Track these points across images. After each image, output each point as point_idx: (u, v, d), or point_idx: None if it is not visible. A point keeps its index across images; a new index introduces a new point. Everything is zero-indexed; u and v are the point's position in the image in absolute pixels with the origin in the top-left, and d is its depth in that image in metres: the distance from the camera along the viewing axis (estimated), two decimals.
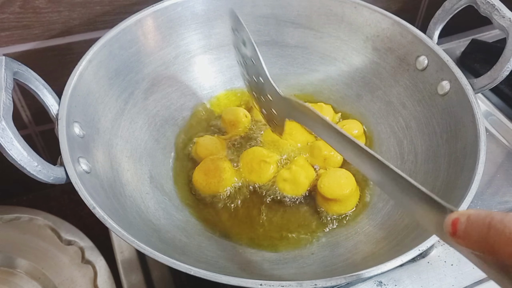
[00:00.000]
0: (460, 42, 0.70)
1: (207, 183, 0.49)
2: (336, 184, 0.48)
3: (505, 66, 0.46)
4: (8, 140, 0.35)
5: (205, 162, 0.50)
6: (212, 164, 0.49)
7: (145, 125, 0.52)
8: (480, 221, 0.23)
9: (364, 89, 0.57)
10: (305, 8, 0.56)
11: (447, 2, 0.51)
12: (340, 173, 0.49)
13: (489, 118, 0.62)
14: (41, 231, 0.55)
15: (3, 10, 0.49)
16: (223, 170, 0.49)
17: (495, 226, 0.22)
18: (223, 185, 0.49)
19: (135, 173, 0.48)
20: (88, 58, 0.45)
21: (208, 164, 0.50)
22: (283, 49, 0.59)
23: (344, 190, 0.47)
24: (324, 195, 0.47)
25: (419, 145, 0.51)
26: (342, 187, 0.47)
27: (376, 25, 0.54)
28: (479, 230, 0.23)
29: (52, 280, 0.51)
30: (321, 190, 0.47)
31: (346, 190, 0.47)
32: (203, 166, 0.50)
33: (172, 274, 0.49)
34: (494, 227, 0.22)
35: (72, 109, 0.42)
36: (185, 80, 0.56)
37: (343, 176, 0.49)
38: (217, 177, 0.49)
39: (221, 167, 0.49)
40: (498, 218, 0.22)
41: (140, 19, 0.50)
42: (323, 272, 0.43)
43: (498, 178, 0.56)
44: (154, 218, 0.45)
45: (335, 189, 0.47)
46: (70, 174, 0.37)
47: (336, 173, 0.49)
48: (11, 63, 0.39)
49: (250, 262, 0.44)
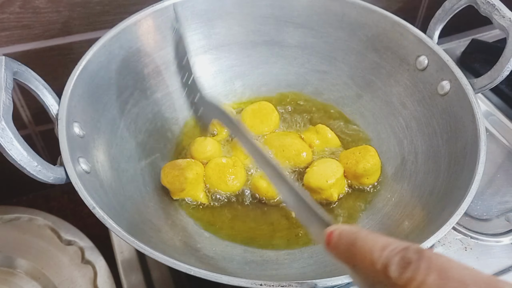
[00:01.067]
0: (460, 42, 0.70)
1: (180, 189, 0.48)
2: (321, 174, 0.48)
3: (505, 66, 0.46)
4: (8, 140, 0.35)
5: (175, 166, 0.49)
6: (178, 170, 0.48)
7: (145, 125, 0.52)
8: (348, 236, 0.25)
9: (364, 89, 0.57)
10: (305, 8, 0.56)
11: (447, 2, 0.51)
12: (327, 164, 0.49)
13: (489, 118, 0.62)
14: (41, 231, 0.55)
15: (3, 10, 0.49)
16: (188, 179, 0.48)
17: (357, 244, 0.24)
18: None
19: (135, 173, 0.48)
20: (88, 58, 0.45)
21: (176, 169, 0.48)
22: (283, 49, 0.59)
23: (329, 179, 0.47)
24: (310, 186, 0.48)
25: (419, 145, 0.51)
26: (327, 176, 0.48)
27: (376, 25, 0.54)
28: (345, 244, 0.25)
29: (52, 280, 0.51)
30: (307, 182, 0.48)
31: (331, 179, 0.47)
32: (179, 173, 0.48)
33: (172, 274, 0.49)
34: (355, 244, 0.24)
35: (72, 109, 0.42)
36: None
37: (330, 166, 0.49)
38: (181, 182, 0.47)
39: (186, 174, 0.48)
40: (361, 236, 0.24)
41: (140, 19, 0.50)
42: (323, 272, 0.43)
43: (498, 178, 0.56)
44: (154, 218, 0.45)
45: (320, 179, 0.47)
46: (70, 174, 0.37)
47: (322, 164, 0.49)
48: (11, 63, 0.39)
49: (250, 262, 0.44)
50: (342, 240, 0.25)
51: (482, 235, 0.50)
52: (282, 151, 0.51)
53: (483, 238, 0.50)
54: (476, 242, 0.50)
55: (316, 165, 0.49)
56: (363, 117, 0.56)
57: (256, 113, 0.55)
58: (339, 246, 0.26)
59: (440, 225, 0.37)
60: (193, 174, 0.48)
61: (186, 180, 0.47)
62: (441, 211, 0.41)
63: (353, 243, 0.25)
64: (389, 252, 0.22)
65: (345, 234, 0.26)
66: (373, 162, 0.49)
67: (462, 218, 0.48)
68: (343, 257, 0.25)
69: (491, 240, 0.50)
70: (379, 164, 0.51)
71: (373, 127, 0.56)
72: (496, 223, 0.52)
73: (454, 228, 0.50)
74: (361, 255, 0.24)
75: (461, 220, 0.51)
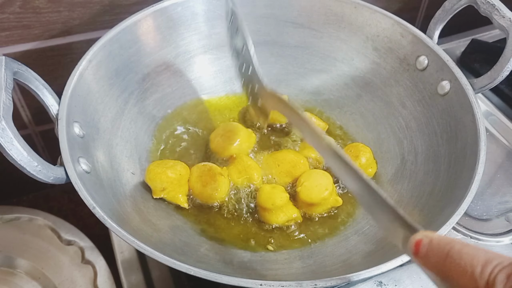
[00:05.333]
0: (460, 42, 0.70)
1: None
2: (314, 188, 0.47)
3: (505, 66, 0.46)
4: (8, 140, 0.35)
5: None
6: (208, 173, 0.48)
7: (145, 125, 0.52)
8: (440, 247, 0.24)
9: (364, 89, 0.57)
10: (305, 8, 0.56)
11: (447, 2, 0.51)
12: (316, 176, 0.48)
13: (489, 118, 0.62)
14: (41, 231, 0.55)
15: (3, 10, 0.49)
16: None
17: (452, 256, 0.23)
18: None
19: (135, 173, 0.48)
20: (88, 58, 0.45)
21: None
22: (283, 49, 0.59)
23: (322, 194, 0.46)
24: (312, 202, 0.47)
25: (419, 145, 0.51)
26: (320, 191, 0.46)
27: (376, 25, 0.54)
28: (438, 256, 0.24)
29: (52, 280, 0.51)
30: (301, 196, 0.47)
31: (324, 193, 0.46)
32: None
33: (172, 274, 0.49)
34: (451, 257, 0.23)
35: (72, 109, 0.42)
36: (185, 80, 0.56)
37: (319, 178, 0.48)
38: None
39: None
40: (457, 248, 0.23)
41: (140, 19, 0.50)
42: (323, 272, 0.43)
43: (498, 178, 0.56)
44: (154, 218, 0.45)
45: (314, 194, 0.47)
46: (70, 174, 0.37)
47: (312, 176, 0.48)
48: (11, 63, 0.39)
49: (250, 262, 0.44)
50: (434, 251, 0.24)
51: (482, 235, 0.50)
52: (278, 166, 0.50)
53: (483, 238, 0.50)
54: (476, 242, 0.50)
55: (305, 180, 0.47)
56: (363, 117, 0.56)
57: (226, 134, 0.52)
58: (430, 257, 0.24)
59: (440, 225, 0.37)
60: (175, 174, 0.47)
61: (167, 179, 0.46)
62: (441, 211, 0.41)
63: (447, 255, 0.23)
64: (493, 268, 0.21)
65: (437, 244, 0.24)
66: (367, 157, 0.50)
67: (462, 218, 0.48)
68: (434, 269, 0.24)
69: (491, 240, 0.50)
70: (373, 158, 0.52)
71: (373, 127, 0.56)
72: (496, 223, 0.52)
73: (454, 228, 0.50)
74: (459, 269, 0.22)
75: (461, 220, 0.51)
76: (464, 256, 0.22)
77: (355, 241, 0.46)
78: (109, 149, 0.46)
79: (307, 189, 0.47)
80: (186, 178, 0.48)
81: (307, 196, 0.46)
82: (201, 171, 0.48)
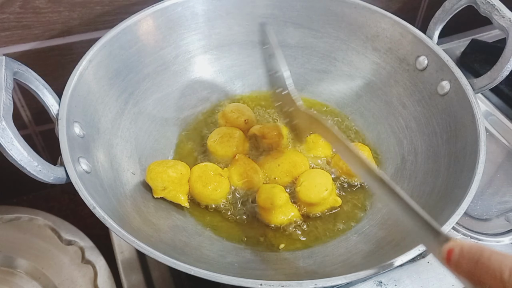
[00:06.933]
0: (460, 42, 0.70)
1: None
2: (313, 188, 0.47)
3: (505, 66, 0.46)
4: (8, 140, 0.35)
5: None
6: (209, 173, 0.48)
7: (145, 125, 0.52)
8: (471, 255, 0.26)
9: (364, 89, 0.57)
10: (305, 8, 0.56)
11: (447, 2, 0.51)
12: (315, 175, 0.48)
13: (489, 118, 0.62)
14: (41, 231, 0.55)
15: (3, 10, 0.49)
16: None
17: (483, 263, 0.25)
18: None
19: (135, 173, 0.48)
20: (88, 58, 0.45)
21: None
22: (283, 49, 0.57)
23: (321, 193, 0.46)
24: (311, 202, 0.47)
25: (419, 145, 0.51)
26: (319, 191, 0.47)
27: (376, 25, 0.54)
28: (469, 263, 0.26)
29: (52, 280, 0.51)
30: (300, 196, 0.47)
31: (323, 193, 0.46)
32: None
33: (172, 274, 0.49)
34: (481, 263, 0.25)
35: (72, 109, 0.42)
36: (185, 80, 0.56)
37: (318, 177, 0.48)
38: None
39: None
40: (486, 255, 0.25)
41: (140, 19, 0.50)
42: (323, 272, 0.43)
43: (498, 178, 0.56)
44: (154, 218, 0.45)
45: (313, 194, 0.47)
46: (70, 174, 0.37)
47: (311, 176, 0.48)
48: (11, 63, 0.39)
49: (250, 262, 0.44)
50: (465, 258, 0.26)
51: (482, 235, 0.50)
52: (278, 165, 0.49)
53: (483, 238, 0.50)
54: (476, 242, 0.50)
55: (304, 180, 0.47)
56: (363, 117, 0.56)
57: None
58: (462, 264, 0.26)
59: (440, 225, 0.37)
60: (176, 173, 0.46)
61: (168, 178, 0.46)
62: (441, 211, 0.41)
63: (478, 261, 0.25)
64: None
65: (468, 251, 0.26)
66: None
67: (462, 218, 0.48)
68: (466, 274, 0.26)
69: (491, 240, 0.50)
70: (371, 158, 0.52)
71: (373, 127, 0.56)
72: (496, 223, 0.52)
73: (454, 228, 0.50)
74: (490, 273, 0.25)
75: (461, 220, 0.51)
76: (493, 262, 0.25)
77: (355, 241, 0.46)
78: (109, 149, 0.46)
79: (306, 189, 0.47)
80: (187, 177, 0.48)
81: (306, 195, 0.46)
82: (202, 171, 0.48)
